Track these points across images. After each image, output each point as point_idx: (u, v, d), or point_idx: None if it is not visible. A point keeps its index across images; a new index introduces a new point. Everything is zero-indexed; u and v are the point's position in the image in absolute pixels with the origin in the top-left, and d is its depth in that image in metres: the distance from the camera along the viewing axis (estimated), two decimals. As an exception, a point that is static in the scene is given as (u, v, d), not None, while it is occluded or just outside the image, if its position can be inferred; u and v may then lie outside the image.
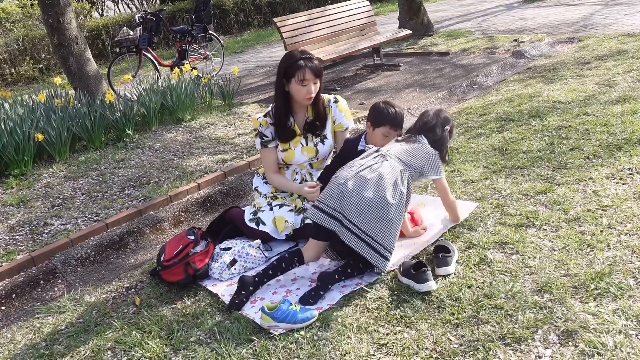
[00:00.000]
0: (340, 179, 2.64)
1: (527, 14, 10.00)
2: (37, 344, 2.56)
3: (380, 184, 2.55)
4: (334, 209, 2.55)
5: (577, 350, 1.97)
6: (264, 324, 2.36)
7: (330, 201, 2.58)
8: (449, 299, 2.36)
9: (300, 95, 2.99)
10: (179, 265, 2.81)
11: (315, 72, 2.95)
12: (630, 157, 3.38)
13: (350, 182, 2.58)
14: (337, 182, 2.62)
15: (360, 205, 2.52)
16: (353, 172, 2.63)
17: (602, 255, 2.48)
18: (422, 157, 2.74)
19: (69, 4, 5.75)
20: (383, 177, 2.57)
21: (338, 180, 2.64)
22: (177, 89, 5.66)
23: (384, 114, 3.01)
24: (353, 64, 7.81)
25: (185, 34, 8.33)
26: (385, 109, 3.02)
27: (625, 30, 7.21)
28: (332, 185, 2.66)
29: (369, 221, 2.51)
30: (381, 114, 3.01)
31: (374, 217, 2.52)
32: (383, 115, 3.00)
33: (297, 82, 2.94)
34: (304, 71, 2.91)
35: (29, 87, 10.55)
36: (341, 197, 2.55)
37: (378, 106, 3.05)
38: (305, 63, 2.92)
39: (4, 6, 13.01)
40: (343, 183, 2.59)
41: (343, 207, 2.54)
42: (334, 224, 2.54)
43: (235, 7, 14.54)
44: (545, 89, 5.18)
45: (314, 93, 3.01)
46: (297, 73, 2.92)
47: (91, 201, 3.94)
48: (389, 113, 3.00)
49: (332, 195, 2.59)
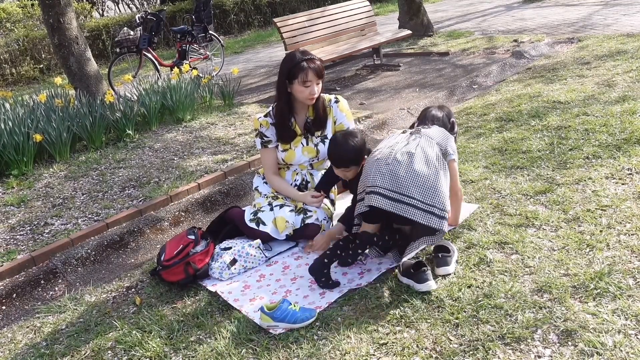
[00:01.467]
0: (386, 159, 2.64)
1: (526, 14, 10.01)
2: (38, 344, 2.57)
3: (426, 156, 2.64)
4: (393, 191, 2.56)
5: (576, 350, 1.97)
6: (264, 323, 2.37)
7: (386, 183, 2.58)
8: (448, 299, 2.37)
9: (303, 96, 3.00)
10: (179, 265, 2.82)
11: (317, 72, 2.97)
12: (629, 157, 3.38)
13: (399, 160, 2.61)
14: (385, 163, 2.62)
15: (415, 179, 2.56)
16: (398, 149, 2.66)
17: (602, 255, 2.49)
18: (444, 138, 2.83)
19: (70, 4, 5.76)
20: (425, 150, 2.67)
21: (385, 161, 2.63)
22: (177, 89, 5.66)
23: (328, 151, 2.94)
24: (353, 64, 7.82)
25: (185, 34, 8.34)
26: (330, 145, 2.92)
27: (625, 30, 7.21)
28: (379, 167, 2.63)
29: (426, 191, 2.55)
30: (327, 150, 2.96)
31: (430, 187, 2.55)
32: (328, 152, 2.96)
33: (300, 84, 2.96)
34: (307, 72, 2.93)
35: (30, 87, 10.56)
36: (395, 177, 2.57)
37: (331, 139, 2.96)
38: (308, 64, 2.94)
39: (4, 6, 13.02)
40: (392, 162, 2.60)
41: (400, 186, 2.55)
42: (396, 205, 2.54)
43: (236, 7, 14.54)
44: (545, 89, 5.18)
45: (317, 93, 3.03)
46: (300, 74, 2.93)
47: (91, 201, 3.95)
48: (329, 152, 2.93)
49: (384, 178, 2.59)
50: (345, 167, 2.87)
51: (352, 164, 2.86)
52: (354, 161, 2.86)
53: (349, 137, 2.86)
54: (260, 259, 2.97)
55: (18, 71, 11.20)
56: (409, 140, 2.73)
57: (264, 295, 2.66)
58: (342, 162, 2.87)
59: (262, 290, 2.71)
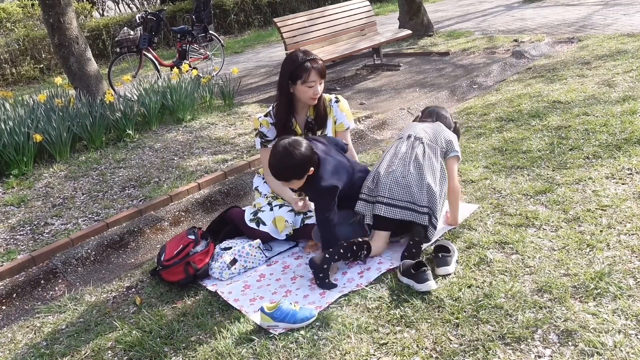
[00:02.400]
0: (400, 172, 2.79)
1: (526, 14, 10.01)
2: (38, 344, 2.57)
3: (431, 167, 2.83)
4: (407, 201, 2.73)
5: (576, 349, 1.97)
6: (264, 323, 2.37)
7: (400, 195, 2.75)
8: (448, 299, 2.36)
9: (306, 96, 3.01)
10: (179, 265, 2.82)
11: (321, 72, 2.99)
12: (629, 157, 3.38)
13: (412, 172, 2.79)
14: (402, 175, 2.78)
15: (426, 190, 2.76)
16: (408, 161, 2.82)
17: (602, 255, 2.48)
18: (446, 137, 2.97)
19: (70, 4, 5.75)
20: (432, 160, 2.85)
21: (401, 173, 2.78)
22: (177, 89, 5.66)
23: (268, 161, 2.71)
24: (353, 64, 7.82)
25: (185, 34, 8.34)
26: (270, 156, 2.69)
27: (625, 30, 7.21)
28: (393, 178, 2.78)
29: (433, 200, 2.76)
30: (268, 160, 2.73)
31: (436, 196, 2.77)
32: (268, 162, 2.73)
33: (304, 84, 2.96)
34: (310, 73, 2.94)
35: (30, 87, 10.56)
36: (409, 189, 2.74)
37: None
38: (312, 65, 2.95)
39: (4, 6, 13.02)
40: (406, 176, 2.77)
41: (414, 197, 2.73)
42: (410, 214, 2.72)
43: (236, 7, 14.54)
44: (545, 89, 5.18)
45: (320, 93, 3.04)
46: (303, 75, 2.94)
47: (92, 201, 3.95)
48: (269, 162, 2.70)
49: (399, 189, 2.76)
50: (285, 182, 2.71)
51: (292, 178, 2.66)
52: (292, 176, 2.65)
53: (293, 149, 2.60)
54: (260, 259, 2.97)
55: (18, 71, 11.20)
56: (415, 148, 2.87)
57: (264, 295, 2.66)
58: (281, 176, 2.68)
59: (262, 290, 2.70)
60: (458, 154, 2.98)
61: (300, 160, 2.61)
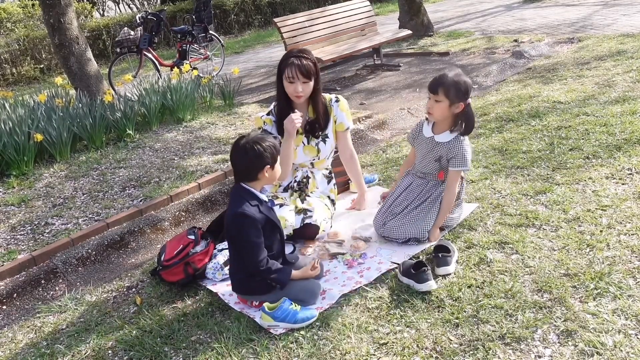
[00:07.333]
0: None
1: (526, 15, 10.01)
2: (38, 343, 2.57)
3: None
4: None
5: (576, 349, 1.97)
6: (264, 323, 2.37)
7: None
8: (449, 299, 2.37)
9: (289, 91, 3.05)
10: (178, 265, 2.82)
11: (302, 71, 2.95)
12: (629, 157, 3.38)
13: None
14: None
15: None
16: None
17: (602, 255, 2.49)
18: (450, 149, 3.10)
19: (70, 4, 5.76)
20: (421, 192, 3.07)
21: None
22: (177, 89, 5.66)
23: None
24: (353, 64, 7.82)
25: (185, 34, 8.34)
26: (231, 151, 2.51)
27: (625, 30, 7.21)
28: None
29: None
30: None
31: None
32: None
33: (286, 79, 2.99)
34: (291, 69, 2.95)
35: (30, 87, 10.56)
36: None
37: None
38: (294, 61, 2.95)
39: (5, 6, 13.02)
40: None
41: None
42: None
43: (236, 7, 14.54)
44: (544, 89, 5.18)
45: (302, 92, 3.02)
46: (286, 70, 2.97)
47: (92, 201, 3.95)
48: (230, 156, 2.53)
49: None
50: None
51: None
52: (246, 174, 2.48)
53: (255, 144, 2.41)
54: (260, 258, 2.96)
55: (18, 71, 11.20)
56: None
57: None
58: (235, 174, 2.53)
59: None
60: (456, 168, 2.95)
61: (255, 158, 2.43)
